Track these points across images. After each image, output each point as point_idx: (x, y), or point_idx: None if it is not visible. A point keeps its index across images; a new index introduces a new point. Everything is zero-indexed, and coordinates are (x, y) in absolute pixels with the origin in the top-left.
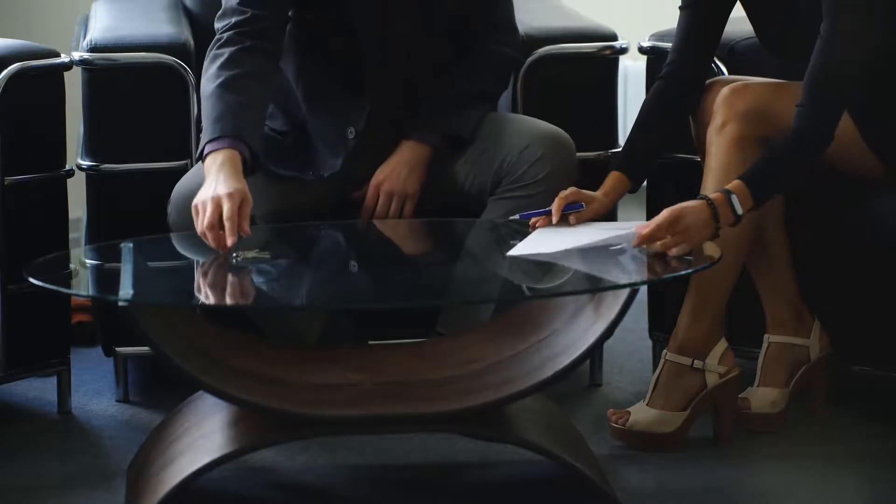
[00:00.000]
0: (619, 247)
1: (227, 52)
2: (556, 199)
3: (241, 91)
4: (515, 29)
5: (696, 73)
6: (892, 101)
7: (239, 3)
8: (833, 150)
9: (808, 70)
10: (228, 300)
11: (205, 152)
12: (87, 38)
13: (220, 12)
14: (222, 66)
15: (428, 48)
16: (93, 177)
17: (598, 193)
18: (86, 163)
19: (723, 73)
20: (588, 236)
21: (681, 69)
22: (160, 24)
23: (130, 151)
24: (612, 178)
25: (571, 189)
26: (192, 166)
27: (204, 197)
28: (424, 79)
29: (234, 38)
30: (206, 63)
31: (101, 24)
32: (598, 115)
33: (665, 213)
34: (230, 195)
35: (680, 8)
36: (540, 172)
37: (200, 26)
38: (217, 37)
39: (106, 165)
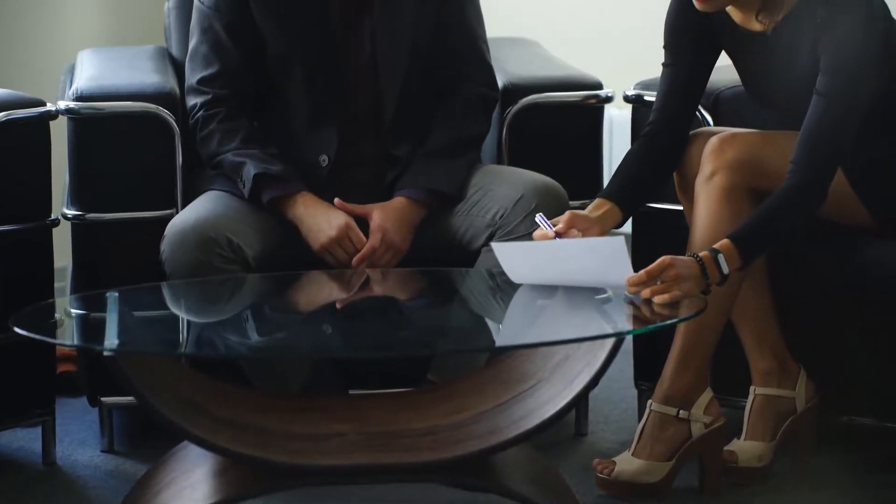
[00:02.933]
0: (605, 295)
1: (212, 130)
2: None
3: (255, 147)
4: (489, 65)
5: (677, 132)
6: (883, 151)
7: (198, 83)
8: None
9: (803, 126)
10: (213, 350)
11: (268, 197)
12: (73, 87)
13: (185, 86)
14: (221, 143)
15: (393, 83)
16: (78, 226)
17: (593, 217)
18: (71, 212)
19: (708, 123)
20: (572, 267)
21: (662, 127)
22: (146, 74)
23: (116, 200)
24: (600, 204)
25: (569, 213)
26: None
27: (327, 239)
28: (392, 111)
29: (209, 116)
30: (199, 145)
31: (87, 74)
32: (584, 164)
33: (656, 262)
34: (349, 225)
35: (663, 65)
36: (534, 224)
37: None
38: (192, 118)
39: (91, 215)
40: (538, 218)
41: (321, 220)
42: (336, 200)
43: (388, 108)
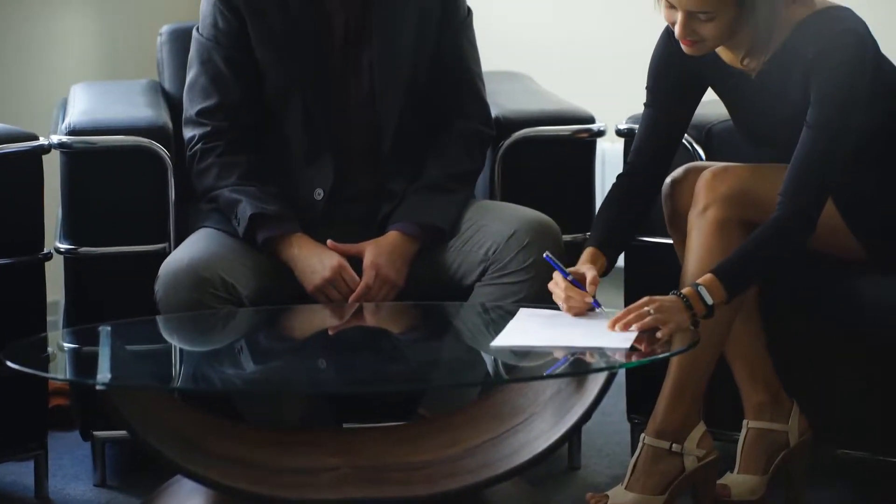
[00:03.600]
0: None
1: (210, 163)
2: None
3: (252, 184)
4: (484, 101)
5: (655, 174)
6: (874, 184)
7: (197, 115)
8: (815, 234)
9: (793, 158)
10: (205, 384)
11: (262, 238)
12: (66, 121)
13: (183, 117)
14: (219, 177)
15: (390, 118)
16: (71, 260)
17: (584, 266)
18: (64, 246)
19: (700, 157)
20: (574, 333)
21: (641, 169)
22: (138, 108)
23: (108, 235)
24: (592, 253)
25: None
26: (171, 250)
27: (321, 280)
28: (388, 146)
29: (207, 149)
30: (196, 177)
31: (80, 108)
32: (576, 198)
33: (638, 301)
34: (342, 265)
35: (644, 105)
36: (527, 259)
37: (179, 109)
38: (190, 151)
39: (84, 249)
40: (546, 257)
41: (315, 261)
42: (329, 242)
43: (384, 143)
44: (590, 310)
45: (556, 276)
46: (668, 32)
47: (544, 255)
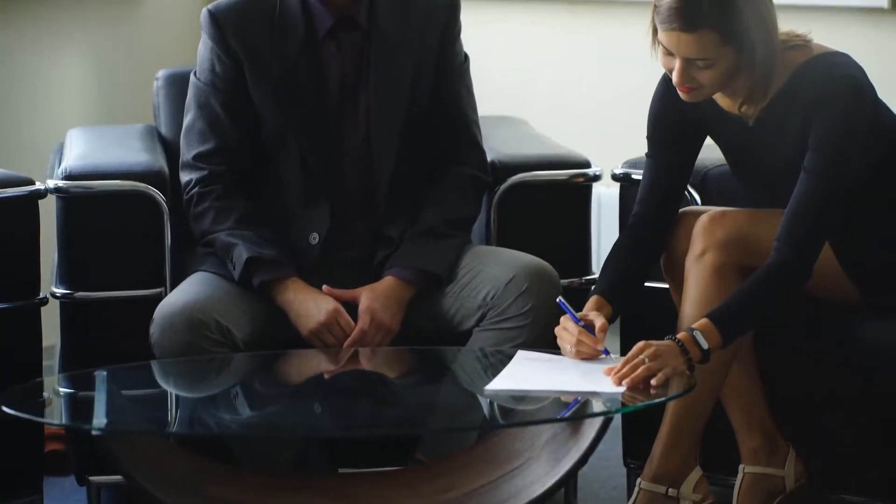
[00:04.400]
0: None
1: (206, 207)
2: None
3: (249, 228)
4: (481, 147)
5: (662, 222)
6: (870, 229)
7: (194, 159)
8: (812, 277)
9: (790, 202)
10: (201, 428)
11: (258, 281)
12: (62, 165)
13: (180, 161)
14: (216, 221)
15: (386, 163)
16: (67, 304)
17: (592, 314)
18: (60, 290)
19: (696, 202)
20: (570, 378)
21: (647, 219)
22: (135, 152)
23: (105, 279)
24: (596, 301)
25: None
26: (167, 294)
27: (316, 325)
28: (384, 191)
29: (204, 192)
30: (192, 221)
31: (76, 152)
32: (573, 242)
33: (633, 348)
34: (337, 310)
35: (646, 156)
36: (525, 305)
37: (175, 154)
38: (187, 195)
39: (80, 293)
40: (560, 302)
41: (310, 305)
42: (324, 287)
43: (380, 188)
44: (600, 357)
45: (566, 321)
46: (665, 80)
47: (557, 299)
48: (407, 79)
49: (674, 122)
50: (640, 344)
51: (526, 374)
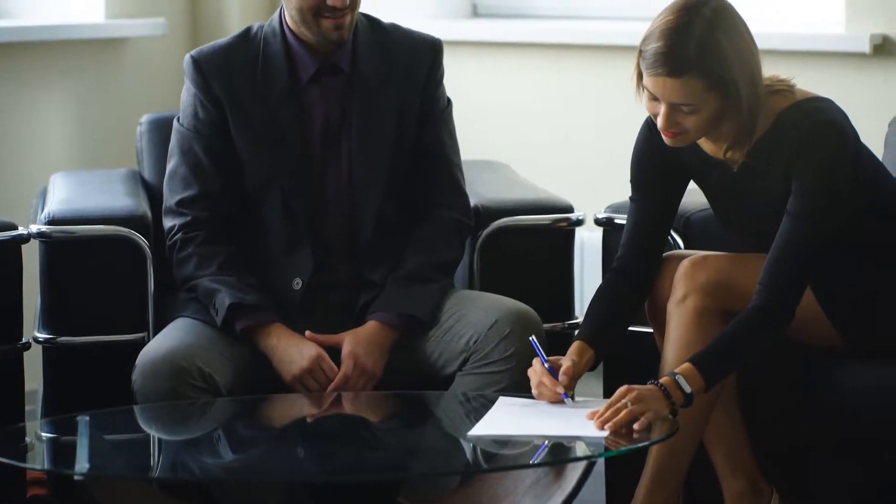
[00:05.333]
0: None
1: (189, 253)
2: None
3: (231, 274)
4: (464, 192)
5: (646, 266)
6: (852, 274)
7: (177, 205)
8: (793, 322)
9: (772, 247)
10: (184, 473)
11: (241, 327)
12: (45, 210)
13: (163, 207)
14: (199, 267)
15: (368, 208)
16: (49, 349)
17: (570, 359)
18: (42, 335)
19: (678, 246)
20: (552, 422)
21: (631, 262)
22: (118, 197)
23: (87, 324)
24: (579, 347)
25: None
26: (150, 339)
27: (299, 371)
28: (367, 236)
29: (187, 238)
30: (175, 267)
31: (59, 197)
32: (555, 287)
33: (616, 393)
34: (320, 356)
35: (630, 199)
36: (508, 349)
37: (158, 199)
38: (169, 241)
39: (63, 338)
40: (531, 340)
41: (293, 351)
42: (307, 333)
43: (363, 232)
44: (559, 401)
45: (536, 362)
46: (648, 125)
47: (530, 338)
48: (390, 123)
49: (657, 166)
50: (623, 388)
51: (508, 418)
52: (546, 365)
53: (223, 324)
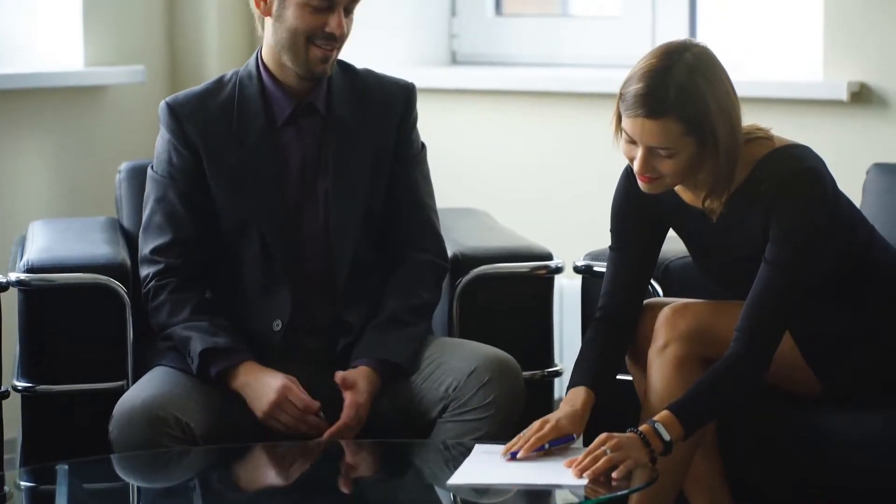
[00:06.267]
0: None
1: (162, 301)
2: (535, 438)
3: (203, 318)
4: (439, 234)
5: (628, 313)
6: (832, 320)
7: (151, 253)
8: (774, 369)
9: (750, 294)
10: None
11: (214, 371)
12: (24, 258)
13: (139, 256)
14: (171, 314)
15: (345, 249)
16: (28, 398)
17: (569, 409)
18: (21, 384)
19: (658, 293)
20: (531, 470)
21: (613, 311)
22: (97, 245)
23: (66, 372)
24: (578, 393)
25: (549, 427)
26: (129, 387)
27: (268, 405)
28: (344, 277)
29: (160, 286)
30: (151, 316)
31: (38, 245)
32: (535, 335)
33: (595, 441)
34: (286, 387)
35: (610, 249)
36: (487, 397)
37: (137, 246)
38: (144, 288)
39: (42, 386)
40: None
41: (262, 385)
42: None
43: (340, 274)
44: (540, 450)
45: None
46: (627, 173)
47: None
48: (366, 165)
49: (637, 215)
50: (602, 436)
51: (486, 467)
52: (546, 447)
53: (199, 371)
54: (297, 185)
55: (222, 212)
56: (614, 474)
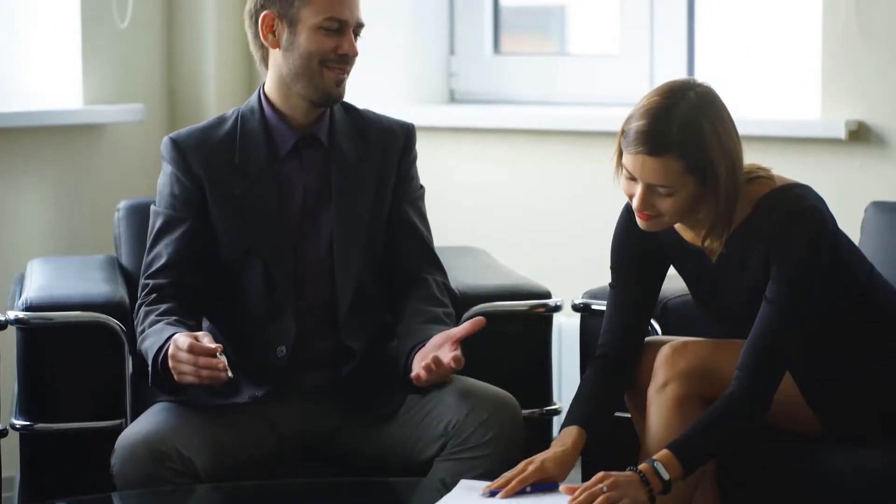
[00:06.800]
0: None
1: (141, 317)
2: (516, 481)
3: (164, 319)
4: (442, 267)
5: (629, 350)
6: (833, 360)
7: (144, 279)
8: (773, 408)
9: (751, 332)
10: None
11: (158, 360)
12: (23, 297)
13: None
14: (140, 324)
15: (349, 277)
16: (27, 436)
17: (559, 449)
18: (20, 422)
19: (657, 332)
20: None
21: (614, 349)
22: (95, 283)
23: (65, 410)
24: (573, 432)
25: (533, 468)
26: (127, 425)
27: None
28: (347, 306)
29: (140, 304)
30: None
31: (37, 283)
32: (533, 373)
33: (592, 478)
34: (173, 340)
35: (610, 286)
36: (486, 435)
37: (136, 285)
38: (135, 316)
39: (40, 425)
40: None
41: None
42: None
43: (342, 300)
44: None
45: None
46: (628, 210)
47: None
48: (368, 196)
49: (636, 253)
50: (600, 475)
51: (467, 503)
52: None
53: (153, 380)
54: (299, 216)
55: (224, 241)
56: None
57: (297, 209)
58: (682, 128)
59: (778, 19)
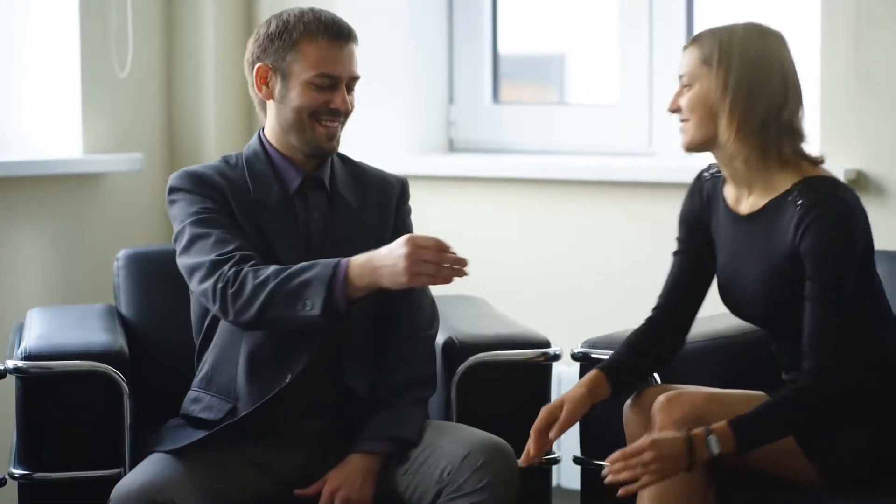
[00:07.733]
0: None
1: (245, 273)
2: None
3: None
4: (436, 317)
5: (680, 320)
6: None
7: (218, 256)
8: (769, 457)
9: (805, 333)
10: None
11: (344, 267)
12: (22, 346)
13: (196, 287)
14: (256, 276)
15: (355, 318)
16: (25, 486)
17: (577, 389)
18: (18, 471)
19: (656, 381)
20: None
21: (667, 314)
22: (94, 332)
23: (64, 460)
24: (595, 377)
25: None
26: (125, 474)
27: (405, 262)
28: (349, 344)
29: (238, 270)
30: (232, 303)
31: (36, 332)
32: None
33: (637, 442)
34: (409, 239)
35: (673, 254)
36: (481, 481)
37: (135, 334)
38: (220, 285)
39: (39, 474)
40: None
41: (385, 253)
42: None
43: (345, 346)
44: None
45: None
46: (696, 178)
47: None
48: (369, 239)
49: (692, 222)
50: (647, 441)
51: None
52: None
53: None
54: (304, 254)
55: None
56: (633, 486)
57: (303, 248)
58: (721, 33)
59: None
